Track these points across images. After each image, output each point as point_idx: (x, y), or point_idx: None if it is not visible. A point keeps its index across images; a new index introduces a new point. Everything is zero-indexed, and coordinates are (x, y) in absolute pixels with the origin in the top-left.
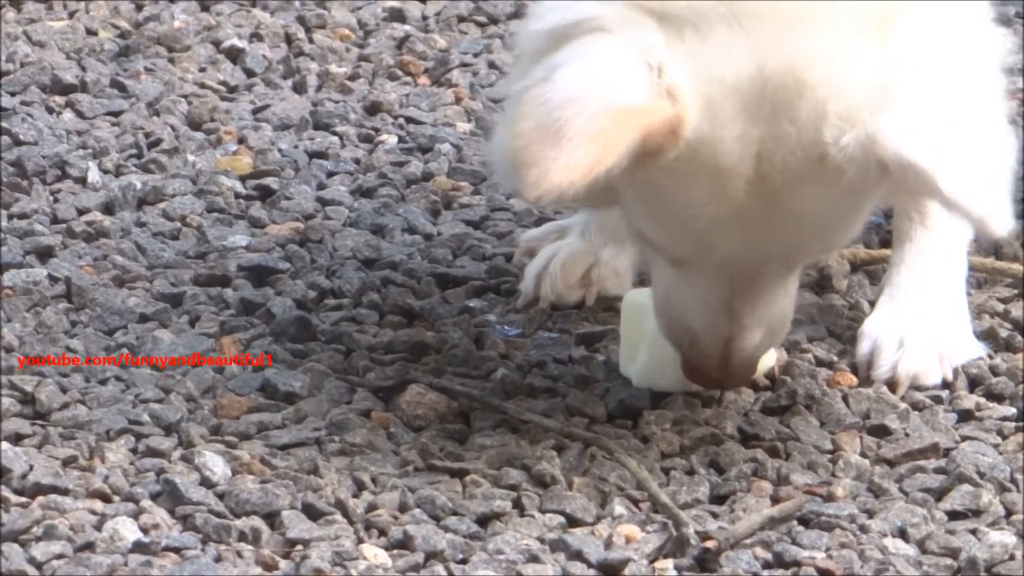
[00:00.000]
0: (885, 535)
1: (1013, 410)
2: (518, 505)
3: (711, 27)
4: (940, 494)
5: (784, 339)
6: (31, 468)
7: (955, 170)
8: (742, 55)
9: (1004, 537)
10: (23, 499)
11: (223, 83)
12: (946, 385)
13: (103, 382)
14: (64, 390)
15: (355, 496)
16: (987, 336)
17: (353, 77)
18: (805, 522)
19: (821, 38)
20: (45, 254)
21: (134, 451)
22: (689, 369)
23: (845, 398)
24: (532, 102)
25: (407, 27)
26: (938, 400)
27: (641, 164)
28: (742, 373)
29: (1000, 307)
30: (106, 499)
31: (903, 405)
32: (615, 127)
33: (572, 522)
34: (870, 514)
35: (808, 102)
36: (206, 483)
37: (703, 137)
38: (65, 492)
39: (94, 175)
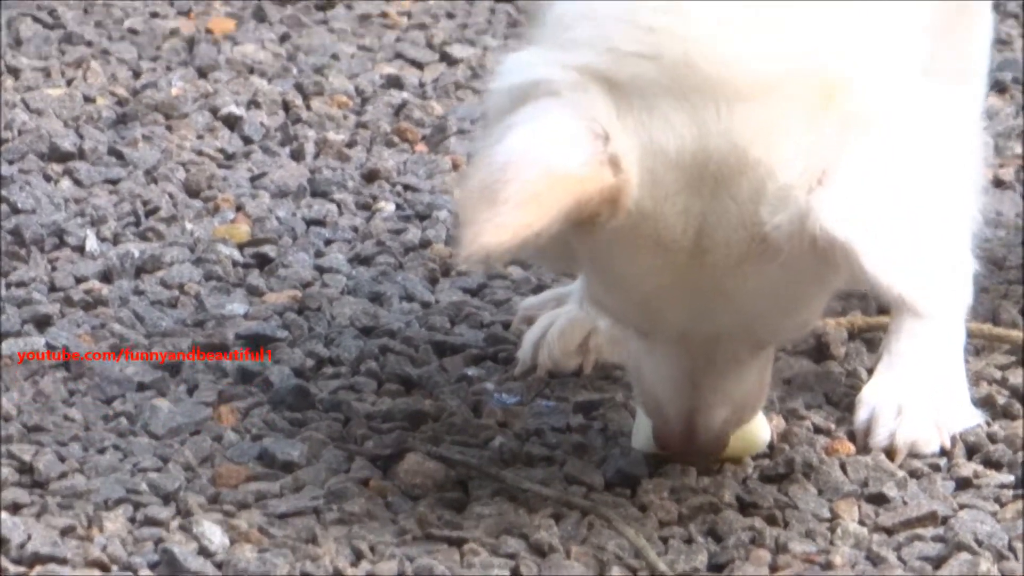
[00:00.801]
0: None
1: (1011, 477)
2: (517, 574)
3: (657, 98)
4: (938, 562)
5: (759, 411)
6: (29, 537)
7: (880, 249)
8: (686, 129)
9: None
10: (21, 568)
11: (221, 150)
12: (944, 453)
13: (101, 451)
14: (62, 459)
15: (353, 565)
16: (985, 403)
17: (351, 144)
18: None
19: (763, 115)
20: (43, 322)
21: (132, 520)
22: (657, 438)
23: (843, 466)
24: (480, 163)
25: (404, 94)
26: (936, 468)
27: (580, 231)
28: (709, 448)
29: (998, 374)
30: (104, 568)
31: (901, 473)
32: (548, 192)
33: None
34: None
35: (748, 180)
36: (204, 552)
37: (645, 209)
38: (63, 561)
39: (92, 243)
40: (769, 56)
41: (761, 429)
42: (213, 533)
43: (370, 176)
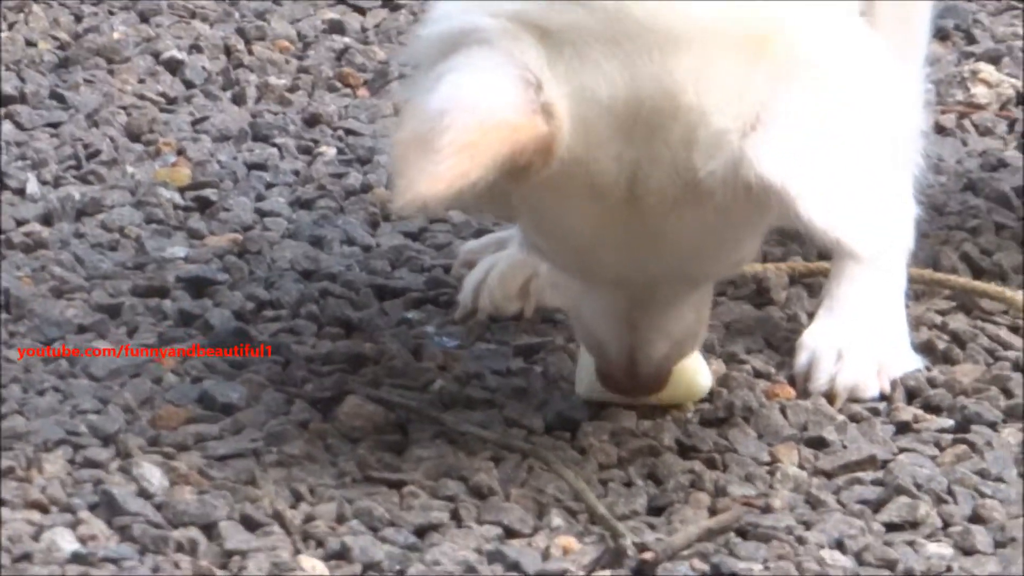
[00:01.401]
0: (822, 547)
1: (951, 422)
2: (456, 516)
3: (589, 46)
4: (877, 506)
5: (698, 348)
6: None
7: (815, 193)
8: (618, 76)
9: (941, 549)
10: None
11: (162, 94)
12: (884, 397)
13: (41, 393)
14: (1, 400)
15: (292, 507)
16: (925, 348)
17: (292, 89)
18: (743, 534)
19: (696, 61)
20: None
21: (72, 462)
22: (600, 376)
23: (783, 410)
24: (412, 112)
25: (346, 39)
26: (876, 412)
27: (514, 179)
28: (651, 383)
29: (938, 319)
30: (43, 510)
31: (841, 417)
32: (483, 141)
33: (509, 533)
34: (807, 526)
35: (681, 126)
36: (143, 494)
37: (578, 157)
38: (2, 503)
39: (32, 186)
40: (702, 1)
41: (702, 375)
42: (152, 475)
43: (312, 120)
